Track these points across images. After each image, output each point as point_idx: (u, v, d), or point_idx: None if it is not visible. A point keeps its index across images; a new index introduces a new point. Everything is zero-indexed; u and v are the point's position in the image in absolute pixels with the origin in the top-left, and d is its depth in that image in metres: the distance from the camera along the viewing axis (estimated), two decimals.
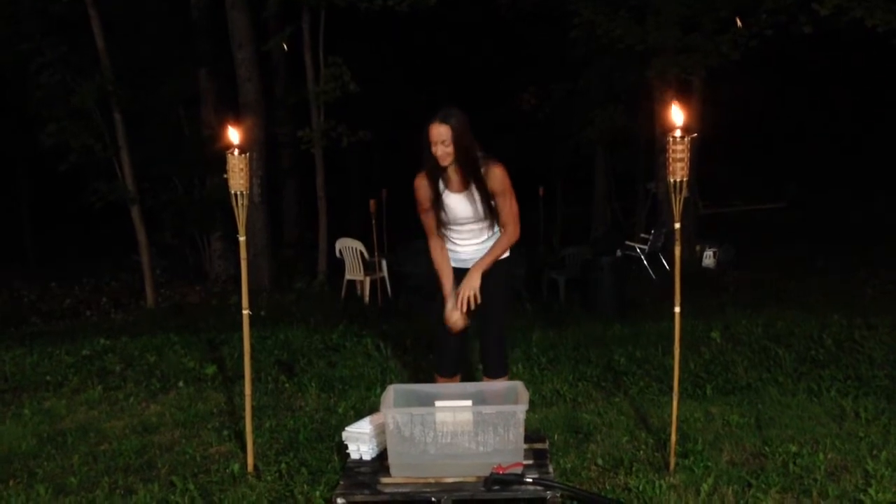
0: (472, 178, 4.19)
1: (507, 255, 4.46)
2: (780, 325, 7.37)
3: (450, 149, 4.09)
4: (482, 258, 4.28)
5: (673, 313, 4.10)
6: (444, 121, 4.07)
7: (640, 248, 12.67)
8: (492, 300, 4.36)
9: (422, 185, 4.28)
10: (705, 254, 13.06)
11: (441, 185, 4.26)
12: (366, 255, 11.08)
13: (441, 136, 4.07)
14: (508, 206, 4.27)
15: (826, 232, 16.71)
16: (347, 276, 11.31)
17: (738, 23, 11.01)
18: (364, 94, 12.64)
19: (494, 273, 4.37)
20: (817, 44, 13.91)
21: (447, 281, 4.34)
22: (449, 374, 4.50)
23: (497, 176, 4.21)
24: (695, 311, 7.88)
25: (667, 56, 11.57)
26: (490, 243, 4.37)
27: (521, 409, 3.79)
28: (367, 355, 6.76)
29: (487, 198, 4.23)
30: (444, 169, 4.19)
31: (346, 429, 4.15)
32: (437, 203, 4.27)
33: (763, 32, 11.18)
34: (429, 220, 4.35)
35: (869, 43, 12.01)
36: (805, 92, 21.57)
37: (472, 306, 4.22)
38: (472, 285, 4.20)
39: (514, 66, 18.11)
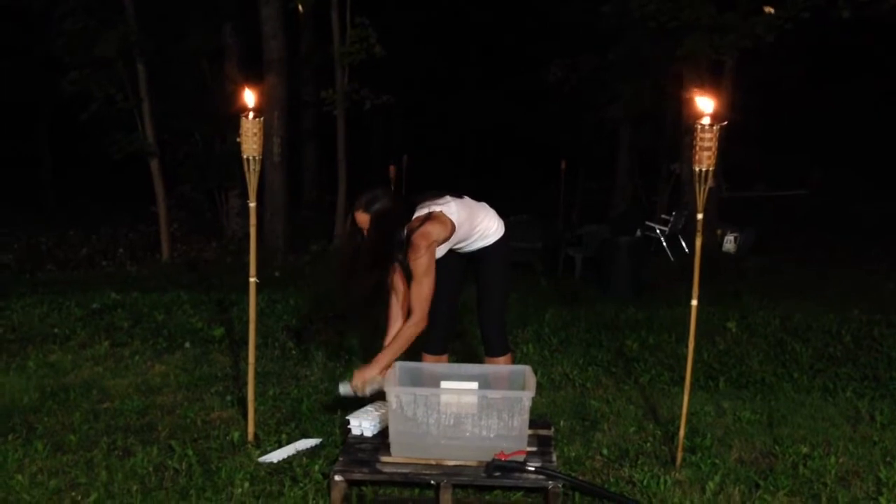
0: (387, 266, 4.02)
1: (501, 234, 4.30)
2: (797, 317, 7.23)
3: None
4: (381, 355, 4.02)
5: (688, 299, 3.97)
6: (365, 209, 3.91)
7: (660, 230, 12.49)
8: (490, 281, 4.29)
9: None
10: (726, 238, 12.87)
11: None
12: None
13: (363, 224, 3.93)
14: (416, 290, 3.96)
15: (849, 221, 16.46)
16: None
17: (769, 10, 10.73)
18: (389, 59, 12.48)
19: (492, 253, 4.27)
20: (854, 30, 13.60)
21: (391, 332, 4.18)
22: (437, 353, 4.45)
23: (413, 255, 3.96)
24: (712, 298, 7.74)
25: (700, 35, 11.29)
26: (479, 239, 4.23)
27: (527, 396, 3.71)
28: (375, 325, 6.67)
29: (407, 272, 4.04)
30: None
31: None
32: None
33: (800, 15, 10.89)
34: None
35: None
36: (837, 78, 21.16)
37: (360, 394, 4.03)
38: (362, 377, 3.99)
39: (542, 36, 17.84)
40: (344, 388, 4.06)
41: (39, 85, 17.20)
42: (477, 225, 4.20)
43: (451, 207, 4.08)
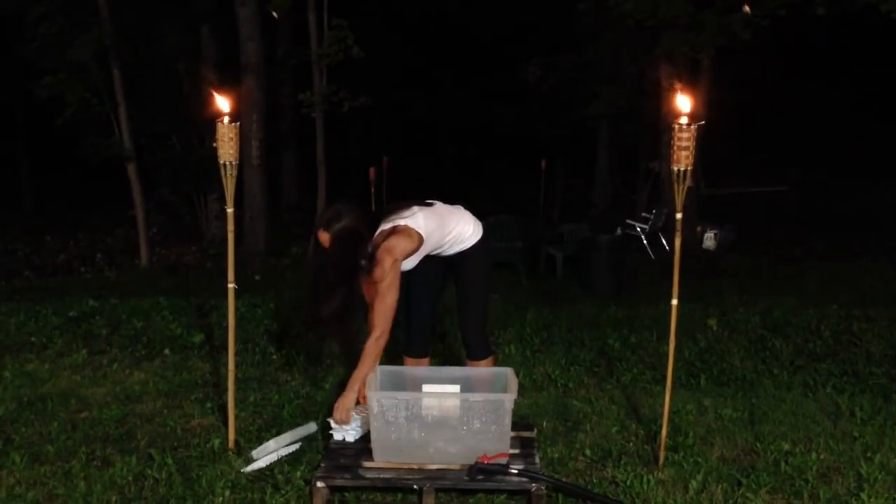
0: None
1: (479, 237, 4.23)
2: (777, 313, 7.26)
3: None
4: (352, 380, 3.91)
5: (670, 297, 3.96)
6: (325, 228, 3.84)
7: (640, 227, 12.54)
8: (469, 284, 4.25)
9: None
10: (706, 235, 12.94)
11: None
12: None
13: (324, 242, 3.86)
14: (379, 304, 3.87)
15: (828, 217, 16.58)
16: None
17: (747, 9, 10.79)
18: (368, 60, 12.45)
19: (470, 256, 4.22)
20: (830, 27, 13.71)
21: None
22: (418, 355, 4.42)
23: (377, 270, 3.88)
24: (692, 296, 7.74)
25: (677, 33, 11.33)
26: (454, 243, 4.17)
27: (509, 399, 3.69)
28: (357, 329, 6.64)
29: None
30: None
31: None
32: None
33: (776, 12, 10.95)
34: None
35: (881, 28, 11.80)
36: (814, 75, 21.33)
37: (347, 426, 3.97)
38: (343, 406, 3.89)
39: (520, 35, 17.86)
40: (336, 433, 3.97)
41: (14, 88, 17.03)
42: (450, 232, 4.11)
43: (419, 219, 3.97)
